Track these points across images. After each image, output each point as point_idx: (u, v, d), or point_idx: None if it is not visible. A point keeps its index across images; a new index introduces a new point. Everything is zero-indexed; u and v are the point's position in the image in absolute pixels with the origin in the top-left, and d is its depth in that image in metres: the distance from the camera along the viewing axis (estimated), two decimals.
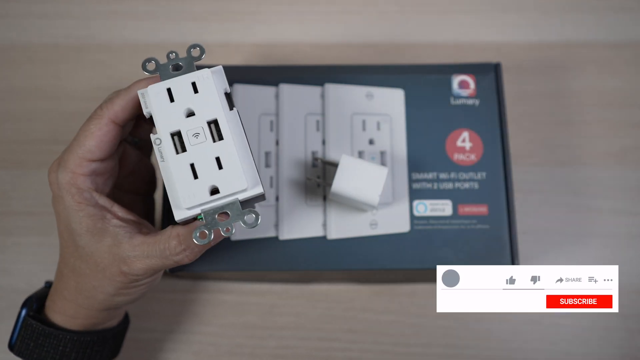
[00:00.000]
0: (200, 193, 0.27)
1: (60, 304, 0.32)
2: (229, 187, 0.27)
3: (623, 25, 0.50)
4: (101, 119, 0.29)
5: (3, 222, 0.45)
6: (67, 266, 0.31)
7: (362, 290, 0.44)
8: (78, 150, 0.29)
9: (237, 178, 0.27)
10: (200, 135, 0.28)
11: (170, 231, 0.29)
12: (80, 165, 0.29)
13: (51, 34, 0.50)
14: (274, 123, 0.38)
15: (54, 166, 0.30)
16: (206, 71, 0.29)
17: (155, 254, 0.29)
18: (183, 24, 0.51)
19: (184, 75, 0.29)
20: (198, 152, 0.28)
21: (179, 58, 0.29)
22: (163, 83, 0.28)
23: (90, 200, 0.29)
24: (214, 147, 0.28)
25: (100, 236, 0.29)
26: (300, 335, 0.43)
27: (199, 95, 0.28)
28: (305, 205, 0.37)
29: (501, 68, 0.39)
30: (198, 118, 0.28)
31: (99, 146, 0.29)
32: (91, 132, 0.29)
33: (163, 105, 0.28)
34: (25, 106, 0.48)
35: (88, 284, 0.30)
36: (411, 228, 0.36)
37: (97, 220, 0.29)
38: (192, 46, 0.30)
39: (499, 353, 0.42)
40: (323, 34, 0.51)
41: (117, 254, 0.29)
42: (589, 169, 0.46)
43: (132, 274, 0.29)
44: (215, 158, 0.28)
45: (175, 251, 0.28)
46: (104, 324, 0.34)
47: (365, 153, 0.38)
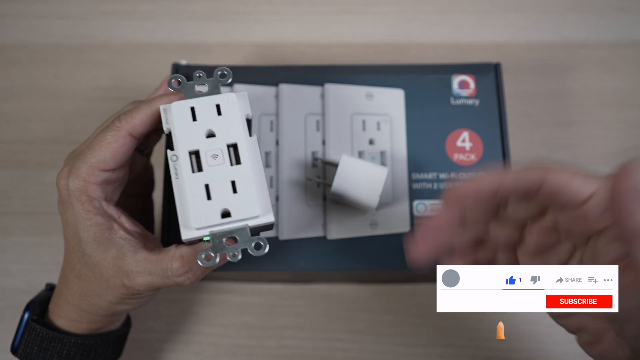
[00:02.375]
0: (211, 215, 0.27)
1: (65, 308, 0.32)
2: (242, 212, 0.27)
3: (623, 25, 0.50)
4: (119, 131, 0.29)
5: (3, 222, 0.45)
6: (72, 271, 0.31)
7: (362, 290, 0.44)
8: (91, 159, 0.29)
9: (250, 204, 0.27)
10: (218, 157, 0.28)
11: (174, 251, 0.29)
12: (93, 174, 0.29)
13: (51, 34, 0.50)
14: (274, 123, 0.38)
15: (64, 172, 0.30)
16: (232, 95, 0.29)
17: (157, 273, 0.29)
18: (183, 24, 0.51)
19: (209, 96, 0.29)
20: (214, 174, 0.28)
21: (205, 78, 0.29)
22: (187, 101, 0.29)
23: (99, 209, 0.29)
24: (231, 171, 0.28)
25: (106, 246, 0.29)
26: (300, 335, 0.43)
27: (222, 117, 0.28)
28: (305, 205, 0.37)
29: (501, 68, 0.39)
30: (218, 140, 0.28)
31: (114, 157, 0.29)
32: (107, 142, 0.29)
33: (185, 123, 0.28)
34: (25, 106, 0.48)
35: (93, 291, 0.30)
36: (411, 228, 0.36)
37: (104, 230, 0.29)
38: (220, 69, 0.30)
39: (499, 353, 0.42)
40: (323, 34, 0.51)
41: (120, 267, 0.29)
42: (589, 169, 0.46)
43: (133, 288, 0.29)
44: (230, 182, 0.28)
45: (177, 273, 0.28)
46: (107, 327, 0.34)
47: (365, 153, 0.38)
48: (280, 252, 0.36)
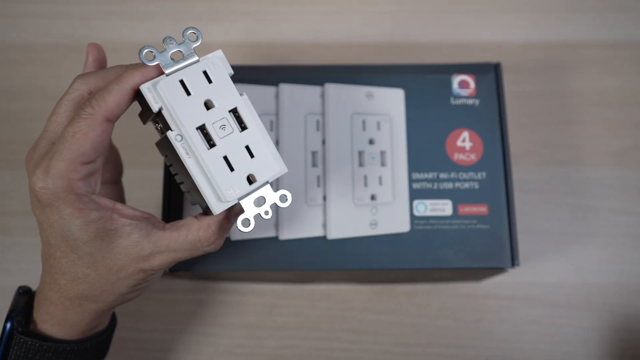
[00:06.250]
0: (240, 184, 0.28)
1: (59, 314, 0.30)
2: (265, 174, 0.28)
3: (623, 25, 0.50)
4: (94, 118, 0.26)
5: (3, 222, 0.45)
6: (64, 276, 0.29)
7: (362, 290, 0.44)
8: (69, 154, 0.26)
9: (269, 164, 0.28)
10: (226, 126, 0.28)
11: (199, 223, 0.29)
12: (75, 170, 0.26)
13: (51, 34, 0.50)
14: (274, 123, 0.38)
15: (38, 174, 0.26)
16: (214, 58, 0.28)
17: (183, 247, 0.29)
18: (183, 24, 0.51)
19: (193, 64, 0.28)
20: (229, 144, 0.28)
21: (177, 44, 0.28)
22: (174, 76, 0.27)
23: (91, 204, 0.27)
24: (242, 137, 0.28)
25: (111, 239, 0.28)
26: (300, 335, 0.43)
27: (214, 85, 0.28)
28: (305, 205, 0.37)
29: (501, 68, 0.39)
30: (219, 109, 0.28)
31: (93, 148, 0.26)
32: (83, 132, 0.26)
33: (181, 99, 0.27)
34: (25, 106, 0.48)
35: (98, 289, 0.29)
36: (411, 228, 0.36)
37: (104, 223, 0.27)
38: (187, 29, 0.28)
39: (499, 353, 0.42)
40: (323, 34, 0.51)
41: (135, 254, 0.28)
42: (589, 169, 0.46)
43: (152, 269, 0.29)
44: (245, 147, 0.28)
45: (209, 241, 0.29)
46: (100, 327, 0.33)
47: (365, 153, 0.38)
48: (280, 252, 0.36)
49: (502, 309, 0.43)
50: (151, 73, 0.27)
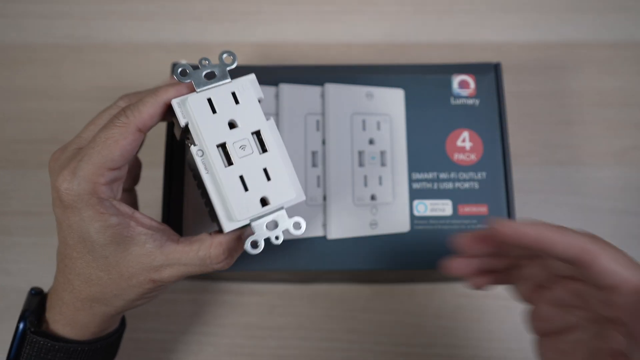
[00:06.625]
0: (252, 205, 0.28)
1: (71, 314, 0.31)
2: (279, 198, 0.28)
3: (623, 25, 0.50)
4: (127, 127, 0.28)
5: (3, 222, 0.45)
6: (79, 277, 0.29)
7: (362, 290, 0.44)
8: (98, 159, 0.27)
9: (285, 189, 0.29)
10: (246, 147, 0.28)
11: (211, 240, 0.29)
12: (102, 174, 0.27)
13: (51, 34, 0.50)
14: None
15: (66, 175, 0.27)
16: (245, 81, 0.29)
17: (193, 262, 0.29)
18: (183, 24, 0.51)
19: (223, 85, 0.29)
20: (246, 165, 0.28)
21: (211, 65, 0.29)
22: (203, 93, 0.28)
23: (112, 209, 0.28)
24: (261, 159, 0.29)
25: (126, 245, 0.28)
26: (301, 335, 0.43)
27: (241, 106, 0.29)
28: (306, 205, 0.37)
29: (501, 68, 0.39)
30: (242, 129, 0.29)
31: (122, 155, 0.28)
32: (115, 140, 0.27)
33: (205, 117, 0.28)
34: (25, 106, 0.48)
35: (109, 293, 0.30)
36: (411, 228, 0.36)
37: (121, 229, 0.28)
38: (225, 52, 0.30)
39: (499, 353, 0.42)
40: (323, 34, 0.51)
41: (147, 263, 0.28)
42: (589, 169, 0.46)
43: (162, 281, 0.29)
44: (263, 169, 0.28)
45: (218, 260, 0.29)
46: (110, 328, 0.33)
47: (365, 153, 0.38)
48: (280, 252, 0.36)
49: (502, 309, 0.43)
50: (184, 90, 0.29)
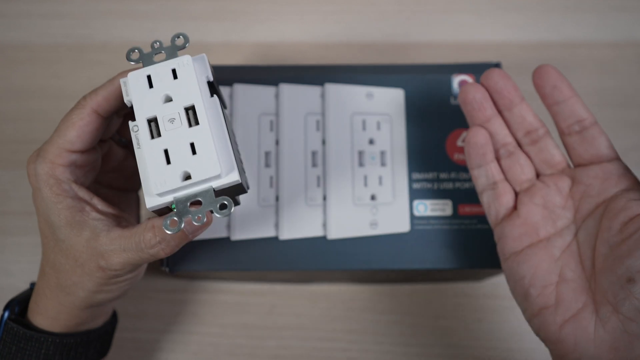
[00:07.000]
0: (172, 179, 0.26)
1: (43, 304, 0.31)
2: (202, 172, 0.26)
3: (623, 25, 0.50)
4: (83, 109, 0.29)
5: (3, 222, 0.45)
6: (48, 263, 0.30)
7: (362, 290, 0.44)
8: (58, 140, 0.28)
9: (210, 164, 0.26)
10: (175, 120, 0.27)
11: (146, 223, 0.28)
12: (60, 155, 0.28)
13: (51, 34, 0.50)
14: (273, 123, 0.38)
15: (32, 157, 0.29)
16: (186, 57, 0.28)
17: (131, 247, 0.28)
18: (183, 23, 0.51)
19: (164, 62, 0.28)
20: (172, 137, 0.27)
21: (162, 47, 0.29)
22: (143, 70, 0.28)
23: (69, 191, 0.28)
24: (189, 133, 0.27)
25: (79, 229, 0.28)
26: (300, 335, 0.43)
27: (178, 81, 0.28)
28: (305, 205, 0.37)
29: (501, 68, 0.39)
30: (175, 104, 0.27)
31: (80, 137, 0.28)
32: (72, 122, 0.28)
33: (142, 92, 0.27)
34: (25, 106, 0.48)
35: (68, 280, 0.29)
36: (411, 228, 0.36)
37: (75, 212, 0.28)
38: (176, 35, 0.29)
39: (499, 353, 0.42)
40: (323, 34, 0.51)
41: (94, 248, 0.28)
42: None
43: (110, 268, 0.28)
44: (189, 144, 0.27)
45: (150, 244, 0.27)
46: (88, 324, 0.33)
47: (365, 153, 0.38)
48: (280, 252, 0.36)
49: (502, 309, 0.43)
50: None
